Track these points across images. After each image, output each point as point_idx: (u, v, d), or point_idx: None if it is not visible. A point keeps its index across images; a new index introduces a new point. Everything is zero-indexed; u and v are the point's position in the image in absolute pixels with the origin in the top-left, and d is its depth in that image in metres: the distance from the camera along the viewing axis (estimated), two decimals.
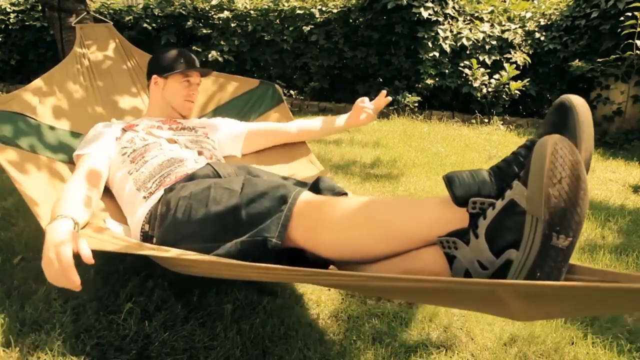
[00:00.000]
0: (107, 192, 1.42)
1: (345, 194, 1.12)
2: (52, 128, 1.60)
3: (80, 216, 1.06)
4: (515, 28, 4.70)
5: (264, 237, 0.93)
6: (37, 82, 1.70)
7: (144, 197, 1.24)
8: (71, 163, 1.50)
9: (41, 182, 1.34)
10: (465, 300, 0.71)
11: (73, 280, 0.89)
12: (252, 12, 4.97)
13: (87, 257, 0.90)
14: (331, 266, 1.04)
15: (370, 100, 1.68)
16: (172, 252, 0.95)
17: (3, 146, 1.35)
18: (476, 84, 4.46)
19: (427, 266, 0.87)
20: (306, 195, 0.98)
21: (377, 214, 0.92)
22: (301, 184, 1.16)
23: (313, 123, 1.71)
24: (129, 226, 1.30)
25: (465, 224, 0.83)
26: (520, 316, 0.72)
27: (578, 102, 0.80)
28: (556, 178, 0.66)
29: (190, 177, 1.21)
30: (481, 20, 4.74)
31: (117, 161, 1.39)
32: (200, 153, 1.42)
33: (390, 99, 1.67)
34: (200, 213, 1.03)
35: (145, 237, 1.19)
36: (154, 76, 1.60)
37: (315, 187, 1.11)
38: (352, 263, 0.98)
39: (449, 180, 0.84)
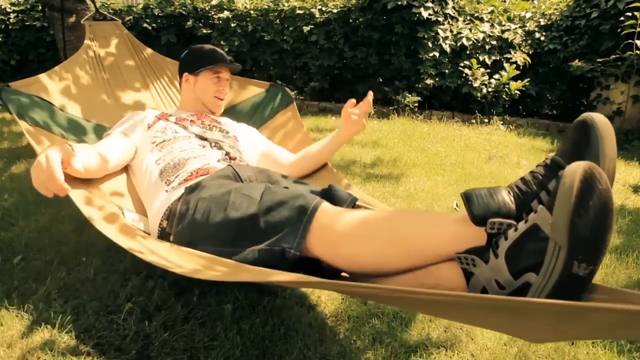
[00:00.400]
0: (128, 182, 1.46)
1: (356, 199, 1.14)
2: (67, 113, 1.70)
3: (82, 156, 1.15)
4: (515, 28, 4.69)
5: (282, 247, 0.93)
6: (54, 70, 1.82)
7: (166, 191, 1.26)
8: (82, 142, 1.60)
9: None
10: (483, 316, 0.70)
11: (59, 184, 0.96)
12: (252, 12, 4.97)
13: (75, 170, 1.05)
14: (343, 273, 1.04)
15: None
16: (191, 263, 0.95)
17: (30, 127, 1.45)
18: (476, 84, 4.46)
19: (443, 282, 0.87)
20: (325, 206, 0.98)
21: (395, 229, 0.93)
22: (317, 192, 1.18)
23: (316, 156, 1.58)
24: (147, 218, 1.31)
25: (483, 242, 0.83)
26: (536, 337, 0.72)
27: (600, 119, 0.78)
28: (584, 208, 0.65)
29: (212, 177, 1.22)
30: (481, 20, 4.74)
31: (145, 148, 1.41)
32: (227, 154, 1.43)
33: (370, 101, 1.51)
34: (218, 217, 1.04)
35: (163, 234, 1.20)
36: (185, 74, 1.64)
37: (328, 194, 1.12)
38: (368, 276, 0.97)
39: (467, 198, 0.83)
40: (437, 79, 4.57)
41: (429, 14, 4.40)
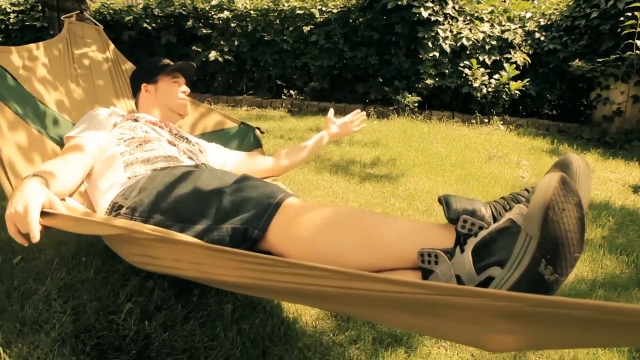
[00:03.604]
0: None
1: None
2: (46, 106, 1.59)
3: (55, 186, 1.02)
4: (515, 28, 4.70)
5: (245, 226, 0.90)
6: (24, 47, 1.70)
7: (128, 177, 1.18)
8: (52, 140, 1.48)
9: (20, 146, 1.31)
10: (435, 316, 0.62)
11: (33, 236, 0.86)
12: (252, 12, 4.97)
13: (61, 212, 0.89)
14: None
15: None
16: (141, 226, 0.84)
17: (12, 116, 1.34)
18: (476, 84, 4.46)
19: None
20: (295, 197, 0.97)
21: (361, 219, 0.89)
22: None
23: (296, 150, 1.64)
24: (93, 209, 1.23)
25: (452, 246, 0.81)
26: (495, 342, 0.65)
27: (580, 160, 0.80)
28: (559, 207, 0.66)
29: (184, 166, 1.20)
30: (481, 20, 4.75)
31: (109, 144, 1.34)
32: (196, 166, 1.39)
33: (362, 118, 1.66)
34: (184, 190, 1.00)
35: (113, 209, 1.10)
36: (143, 84, 1.61)
37: None
38: None
39: (445, 200, 0.83)
40: (437, 79, 4.57)
41: (429, 14, 4.40)
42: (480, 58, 4.57)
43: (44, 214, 0.88)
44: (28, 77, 1.63)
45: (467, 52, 4.60)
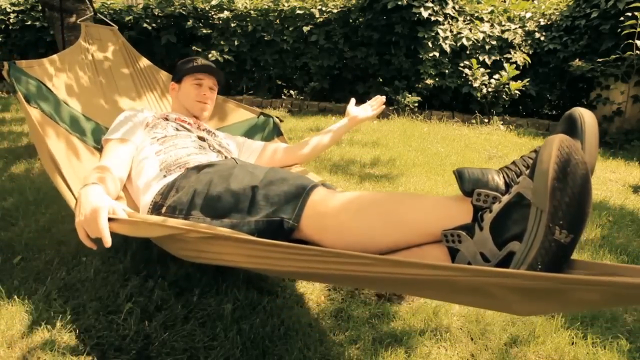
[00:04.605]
0: None
1: None
2: (67, 104, 1.69)
3: (109, 191, 1.11)
4: (515, 28, 4.70)
5: (281, 217, 0.95)
6: (53, 58, 1.80)
7: (164, 176, 1.25)
8: (83, 142, 1.59)
9: (59, 148, 1.42)
10: (463, 292, 0.70)
11: (105, 241, 0.93)
12: (252, 12, 4.97)
13: (122, 219, 0.95)
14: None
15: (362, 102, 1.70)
16: (196, 226, 0.91)
17: (39, 115, 1.45)
18: (476, 84, 4.46)
19: (429, 261, 0.87)
20: (322, 187, 1.02)
21: (386, 202, 0.95)
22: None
23: (320, 137, 1.69)
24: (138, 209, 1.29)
25: (470, 220, 0.85)
26: (519, 309, 0.72)
27: (587, 114, 0.83)
28: (562, 173, 0.68)
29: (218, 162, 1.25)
30: (481, 20, 4.74)
31: (144, 143, 1.41)
32: (226, 160, 1.42)
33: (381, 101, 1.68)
34: (219, 187, 1.05)
35: (155, 208, 1.17)
36: (172, 83, 1.68)
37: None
38: None
39: (460, 174, 0.87)
40: (437, 79, 4.57)
41: (429, 14, 4.40)
42: (480, 58, 4.57)
43: (109, 219, 0.95)
44: (59, 86, 1.73)
45: (467, 52, 4.60)
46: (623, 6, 3.91)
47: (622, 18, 3.88)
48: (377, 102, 1.69)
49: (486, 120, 4.43)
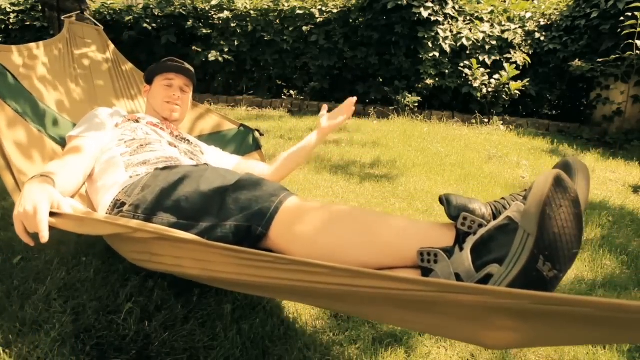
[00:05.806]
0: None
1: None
2: (45, 105, 1.59)
3: (59, 187, 1.02)
4: (515, 28, 4.70)
5: (249, 224, 0.91)
6: (27, 46, 1.70)
7: (130, 177, 1.18)
8: (52, 139, 1.49)
9: (22, 146, 1.32)
10: (429, 311, 0.63)
11: (43, 236, 0.87)
12: (252, 12, 4.97)
13: (68, 213, 0.89)
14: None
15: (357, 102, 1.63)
16: (144, 225, 0.85)
17: (12, 114, 1.35)
18: (476, 84, 4.46)
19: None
20: (297, 197, 0.98)
21: (364, 217, 0.90)
22: None
23: (291, 155, 1.56)
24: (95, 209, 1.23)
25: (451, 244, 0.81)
26: (488, 338, 0.65)
27: (580, 163, 0.80)
28: (556, 203, 0.66)
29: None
30: (481, 20, 4.75)
31: (110, 144, 1.34)
32: (198, 166, 1.39)
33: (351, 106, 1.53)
34: (188, 188, 1.01)
35: (115, 207, 1.10)
36: (144, 85, 1.63)
37: None
38: None
39: (446, 199, 0.84)
40: (437, 79, 4.57)
41: (429, 14, 4.40)
42: (480, 58, 4.57)
43: (51, 214, 0.89)
44: (28, 76, 1.63)
45: (467, 52, 4.60)
46: (623, 6, 3.91)
47: (622, 18, 3.88)
48: (346, 105, 1.54)
49: (486, 120, 4.43)
